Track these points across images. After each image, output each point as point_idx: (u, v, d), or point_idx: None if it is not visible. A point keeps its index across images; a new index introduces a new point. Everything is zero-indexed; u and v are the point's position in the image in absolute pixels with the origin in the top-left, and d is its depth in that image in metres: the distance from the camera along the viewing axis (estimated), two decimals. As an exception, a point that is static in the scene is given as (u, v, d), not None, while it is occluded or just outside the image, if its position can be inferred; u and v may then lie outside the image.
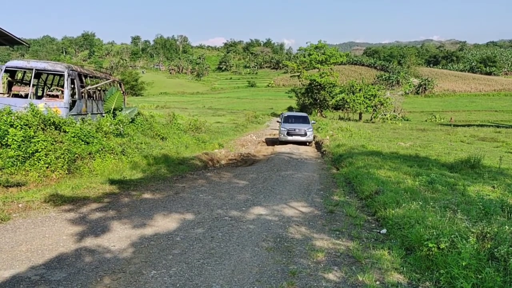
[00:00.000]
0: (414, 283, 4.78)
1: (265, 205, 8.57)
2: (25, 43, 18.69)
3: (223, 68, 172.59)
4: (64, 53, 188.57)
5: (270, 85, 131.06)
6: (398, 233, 6.37)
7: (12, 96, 14.92)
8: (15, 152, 9.57)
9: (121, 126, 14.31)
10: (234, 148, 20.46)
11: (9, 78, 15.60)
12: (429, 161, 15.01)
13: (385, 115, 50.93)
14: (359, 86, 54.49)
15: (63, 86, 14.91)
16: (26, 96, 14.86)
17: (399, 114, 54.95)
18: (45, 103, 13.39)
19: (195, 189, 10.02)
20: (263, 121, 44.01)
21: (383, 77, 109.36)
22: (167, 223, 6.91)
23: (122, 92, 19.46)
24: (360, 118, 52.02)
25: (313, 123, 25.90)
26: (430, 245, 5.12)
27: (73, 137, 11.19)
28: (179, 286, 4.56)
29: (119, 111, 16.68)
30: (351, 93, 52.40)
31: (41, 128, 10.70)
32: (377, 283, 4.75)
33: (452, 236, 5.11)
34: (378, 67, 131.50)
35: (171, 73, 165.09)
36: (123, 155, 12.35)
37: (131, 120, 16.06)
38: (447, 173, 12.55)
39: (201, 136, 20.08)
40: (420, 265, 5.17)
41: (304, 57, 57.98)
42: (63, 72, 14.49)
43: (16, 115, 10.60)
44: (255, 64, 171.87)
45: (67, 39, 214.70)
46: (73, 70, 14.95)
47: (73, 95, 15.00)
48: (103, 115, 16.50)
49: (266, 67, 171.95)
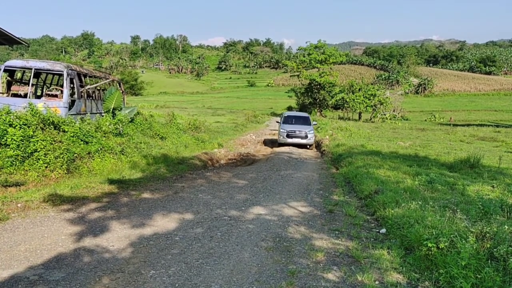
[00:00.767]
0: (414, 283, 4.77)
1: (264, 204, 8.56)
2: (24, 43, 18.67)
3: (222, 68, 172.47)
4: (63, 52, 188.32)
5: (269, 84, 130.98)
6: (397, 232, 6.37)
7: (11, 96, 14.91)
8: (14, 151, 9.55)
9: (121, 125, 14.29)
10: (234, 148, 20.44)
11: (8, 78, 15.58)
12: (429, 161, 15.01)
13: (384, 114, 50.92)
14: (358, 85, 54.47)
15: (62, 86, 14.89)
16: (25, 96, 14.84)
17: (398, 113, 54.95)
18: (44, 103, 13.37)
19: (194, 188, 10.01)
20: (263, 120, 43.99)
21: (383, 76, 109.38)
22: (166, 223, 6.90)
23: (121, 91, 19.44)
24: (360, 117, 52.00)
25: (314, 124, 24.69)
26: (430, 244, 5.11)
27: (72, 136, 11.18)
28: (178, 286, 4.55)
29: (119, 110, 16.66)
30: (351, 93, 52.39)
31: (40, 127, 10.68)
32: (376, 283, 4.75)
33: (452, 236, 5.11)
34: (377, 67, 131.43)
35: (170, 72, 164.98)
36: (122, 154, 12.33)
37: (130, 120, 16.04)
38: (447, 172, 12.55)
39: (200, 135, 20.07)
40: (420, 265, 5.16)
41: (304, 56, 57.92)
42: (62, 71, 14.48)
43: (15, 114, 10.58)
44: (255, 63, 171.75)
45: (67, 38, 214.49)
46: (72, 70, 14.93)
47: (72, 94, 14.97)
48: (103, 114, 16.47)
49: (265, 66, 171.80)
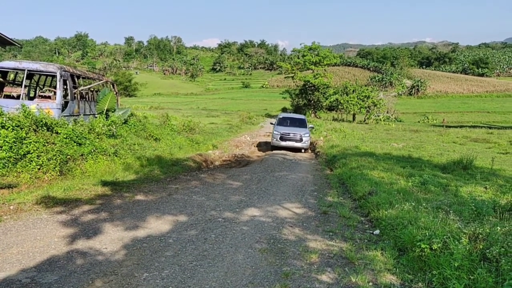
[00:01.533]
0: (407, 284, 4.78)
1: (259, 206, 8.55)
2: (17, 44, 18.55)
3: (217, 69, 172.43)
4: (57, 53, 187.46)
5: (264, 86, 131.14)
6: (391, 234, 6.39)
7: (3, 97, 14.81)
8: (6, 153, 9.48)
9: (114, 127, 14.22)
10: (228, 149, 20.43)
11: (0, 79, 15.47)
12: (422, 162, 15.08)
13: (378, 116, 51.15)
14: (352, 87, 54.72)
15: (55, 87, 14.82)
16: (18, 97, 14.76)
17: (392, 115, 55.22)
18: (37, 104, 13.30)
19: (188, 190, 9.98)
20: (257, 122, 44.00)
21: (376, 78, 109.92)
22: (160, 225, 6.87)
23: (115, 93, 19.38)
24: (354, 119, 52.19)
25: (311, 127, 23.43)
26: (423, 246, 5.13)
27: (65, 138, 11.11)
28: (171, 288, 4.53)
29: (112, 112, 16.60)
30: (345, 94, 52.60)
31: (33, 129, 10.62)
32: (370, 284, 4.75)
33: (445, 237, 5.13)
34: (371, 69, 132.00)
35: (165, 74, 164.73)
36: (116, 156, 12.28)
37: (124, 121, 15.99)
38: (440, 174, 12.62)
39: (195, 137, 20.03)
40: (413, 266, 5.17)
41: (298, 58, 58.06)
42: (56, 73, 14.40)
43: (7, 116, 10.51)
44: (249, 65, 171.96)
45: (60, 39, 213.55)
46: (65, 71, 14.86)
47: (65, 96, 14.90)
48: (96, 116, 16.40)
49: (260, 68, 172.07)
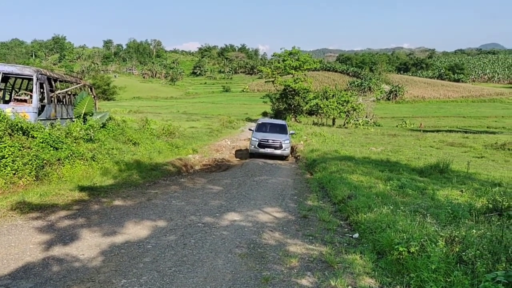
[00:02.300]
0: (385, 287, 4.83)
1: (239, 211, 8.53)
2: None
3: (197, 73, 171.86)
4: (33, 56, 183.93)
5: (245, 90, 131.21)
6: (369, 237, 6.45)
7: (-23, 100, 14.43)
8: (-21, 158, 9.23)
9: (92, 131, 14.01)
10: (209, 153, 20.34)
11: (-26, 82, 15.08)
12: (400, 166, 15.30)
13: (357, 120, 51.74)
14: (332, 92, 55.29)
15: (31, 91, 14.51)
16: (-8, 101, 14.39)
17: (371, 119, 55.94)
18: (13, 108, 12.99)
19: (168, 195, 9.89)
20: (238, 126, 43.94)
21: (356, 83, 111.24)
22: (139, 231, 6.78)
23: (93, 96, 19.10)
24: (334, 123, 52.66)
25: (292, 133, 22.14)
26: (401, 249, 5.20)
27: (42, 142, 10.89)
28: (150, 295, 4.48)
29: (90, 116, 16.35)
30: (325, 99, 53.08)
31: (8, 133, 10.37)
32: (349, 287, 4.79)
33: (422, 240, 5.20)
34: (350, 74, 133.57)
35: (144, 77, 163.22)
36: (94, 161, 12.09)
37: (102, 125, 15.75)
38: (417, 177, 12.82)
39: (174, 141, 19.87)
40: (391, 269, 5.23)
41: (279, 62, 58.26)
42: (32, 75, 14.12)
43: (-19, 120, 10.24)
44: (230, 69, 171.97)
45: (37, 42, 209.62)
46: (42, 74, 14.59)
47: (42, 99, 14.62)
48: (73, 120, 16.14)
49: (240, 72, 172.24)
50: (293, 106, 55.27)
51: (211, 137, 27.02)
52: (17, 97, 15.30)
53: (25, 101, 14.49)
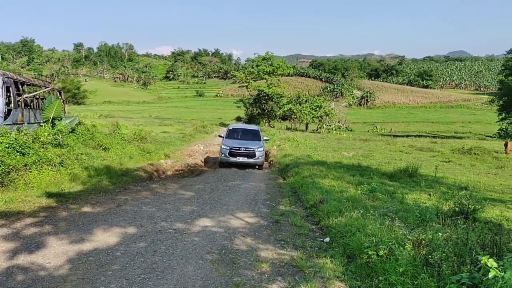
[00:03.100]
0: (355, 290, 4.88)
1: (211, 216, 8.47)
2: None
3: (170, 77, 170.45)
4: (0, 59, 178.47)
5: (218, 95, 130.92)
6: (340, 241, 6.51)
7: None
8: None
9: (60, 136, 13.68)
10: (181, 159, 20.16)
11: None
12: (371, 170, 15.56)
13: (330, 125, 52.41)
14: (305, 97, 55.83)
15: (-3, 94, 14.07)
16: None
17: (343, 124, 56.77)
18: (-24, 112, 12.57)
19: (138, 201, 9.74)
20: (212, 131, 43.74)
21: (328, 89, 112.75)
22: (107, 238, 6.65)
23: (62, 100, 18.68)
24: (307, 128, 53.12)
25: (266, 140, 20.20)
26: (370, 252, 5.27)
27: (8, 148, 10.55)
28: (118, 304, 4.38)
29: (59, 120, 15.96)
30: (298, 104, 53.52)
31: (-29, 138, 10.02)
32: (320, 292, 4.81)
33: (390, 243, 5.29)
34: (323, 79, 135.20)
35: (115, 81, 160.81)
36: (62, 166, 11.80)
37: (71, 130, 15.41)
38: (387, 181, 13.07)
39: (146, 146, 19.60)
40: (361, 272, 5.29)
41: (252, 68, 58.50)
42: (-3, 79, 13.69)
43: None
44: (204, 73, 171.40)
45: (4, 45, 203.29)
46: (8, 78, 14.18)
47: (8, 103, 14.21)
48: (41, 124, 15.73)
49: (214, 77, 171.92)
50: (266, 111, 55.53)
51: (184, 142, 26.79)
52: (-18, 101, 14.80)
53: (-10, 105, 14.03)
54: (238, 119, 65.52)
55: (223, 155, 17.88)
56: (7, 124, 13.17)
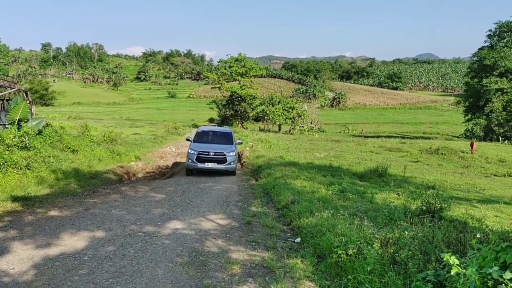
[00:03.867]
0: (325, 290, 4.93)
1: (182, 218, 8.40)
2: None
3: (142, 78, 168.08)
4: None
5: (191, 96, 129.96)
6: (311, 241, 6.57)
7: None
8: None
9: (27, 138, 13.31)
10: (152, 161, 19.93)
11: None
12: (342, 171, 15.74)
13: (302, 126, 52.81)
14: (278, 98, 56.06)
15: (-42, 95, 13.58)
16: None
17: (315, 125, 57.33)
18: None
19: (107, 204, 9.56)
20: (184, 132, 43.38)
21: (301, 90, 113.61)
22: (75, 242, 6.50)
23: (28, 102, 18.18)
24: (280, 129, 53.35)
25: (239, 143, 18.38)
26: (339, 252, 5.34)
27: (-31, 150, 10.21)
28: (85, 309, 4.29)
29: (25, 122, 15.53)
30: (271, 105, 53.68)
31: None
32: (290, 292, 4.84)
33: (359, 242, 5.37)
34: (296, 81, 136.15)
35: (85, 82, 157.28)
36: (28, 169, 11.48)
37: (38, 132, 15.02)
38: (358, 182, 13.25)
39: (116, 148, 19.27)
40: (330, 271, 5.36)
41: (225, 69, 58.43)
42: (-41, 79, 13.22)
43: None
44: (176, 74, 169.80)
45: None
46: (-30, 78, 13.71)
47: (-30, 104, 13.73)
48: (7, 126, 15.26)
49: (187, 78, 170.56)
50: (239, 112, 55.50)
51: (155, 144, 26.48)
52: None
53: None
54: (211, 120, 65.29)
55: (190, 160, 15.85)
56: (-31, 126, 12.73)
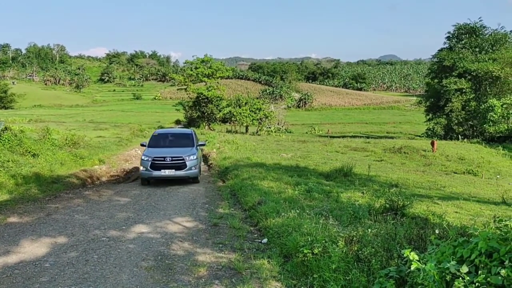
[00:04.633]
0: (291, 289, 4.96)
1: (147, 222, 8.28)
2: None
3: (105, 80, 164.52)
4: None
5: (157, 97, 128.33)
6: (277, 241, 6.60)
7: None
8: None
9: (-17, 142, 12.79)
10: (117, 164, 19.52)
11: None
12: (308, 171, 15.93)
13: (269, 127, 53.04)
14: (245, 99, 56.08)
15: None
16: None
17: (282, 126, 57.73)
18: None
19: (70, 209, 9.31)
20: (150, 134, 42.78)
21: (267, 91, 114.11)
22: (35, 249, 6.30)
23: (-15, 104, 17.47)
24: (247, 130, 53.40)
25: (201, 144, 16.47)
26: (305, 251, 5.39)
27: None
28: (45, 318, 4.15)
29: (-19, 126, 14.92)
30: (238, 107, 53.63)
31: None
32: (257, 293, 4.85)
33: (324, 241, 5.44)
34: (262, 82, 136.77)
35: (46, 84, 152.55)
36: (-15, 175, 11.03)
37: (-4, 136, 14.46)
38: (324, 181, 13.43)
39: (79, 151, 18.74)
40: (297, 271, 5.40)
41: (191, 70, 57.92)
42: None
43: None
44: (141, 76, 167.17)
45: None
46: None
47: None
48: (-39, 130, 14.61)
49: (152, 79, 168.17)
50: (206, 114, 55.21)
51: (120, 147, 25.94)
52: None
53: None
54: (178, 122, 64.67)
55: (144, 169, 13.78)
56: None
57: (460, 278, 3.21)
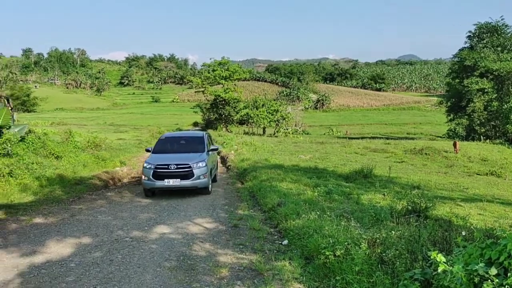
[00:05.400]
0: (313, 291, 4.96)
1: (168, 223, 8.37)
2: None
3: (125, 83, 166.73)
4: None
5: (175, 100, 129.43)
6: (298, 243, 6.60)
7: None
8: None
9: (9, 145, 13.12)
10: (138, 165, 19.73)
11: None
12: (327, 173, 15.85)
13: (287, 129, 52.94)
14: (262, 101, 56.14)
15: None
16: None
17: (300, 128, 57.53)
18: None
19: (93, 210, 9.48)
20: (168, 137, 43.19)
21: (285, 93, 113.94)
22: (61, 249, 6.43)
23: (10, 108, 17.91)
24: (264, 132, 53.45)
25: (214, 149, 14.39)
26: (327, 253, 5.38)
27: (-50, 158, 10.01)
28: (72, 317, 4.24)
29: (7, 129, 15.26)
30: (255, 108, 53.74)
31: None
32: (279, 294, 4.86)
33: (346, 243, 5.42)
34: (279, 83, 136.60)
35: (68, 87, 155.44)
36: (11, 177, 11.31)
37: (20, 139, 14.79)
38: (343, 183, 13.35)
39: (101, 154, 19.05)
40: (319, 273, 5.39)
41: (208, 72, 58.24)
42: None
43: None
44: (159, 79, 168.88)
45: None
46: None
47: (-50, 111, 13.46)
48: (-13, 133, 14.98)
49: (170, 82, 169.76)
50: (223, 116, 55.42)
51: (140, 149, 26.25)
52: None
53: None
54: (195, 124, 65.12)
55: (146, 178, 11.97)
56: (-51, 134, 12.46)
57: (489, 280, 3.16)
